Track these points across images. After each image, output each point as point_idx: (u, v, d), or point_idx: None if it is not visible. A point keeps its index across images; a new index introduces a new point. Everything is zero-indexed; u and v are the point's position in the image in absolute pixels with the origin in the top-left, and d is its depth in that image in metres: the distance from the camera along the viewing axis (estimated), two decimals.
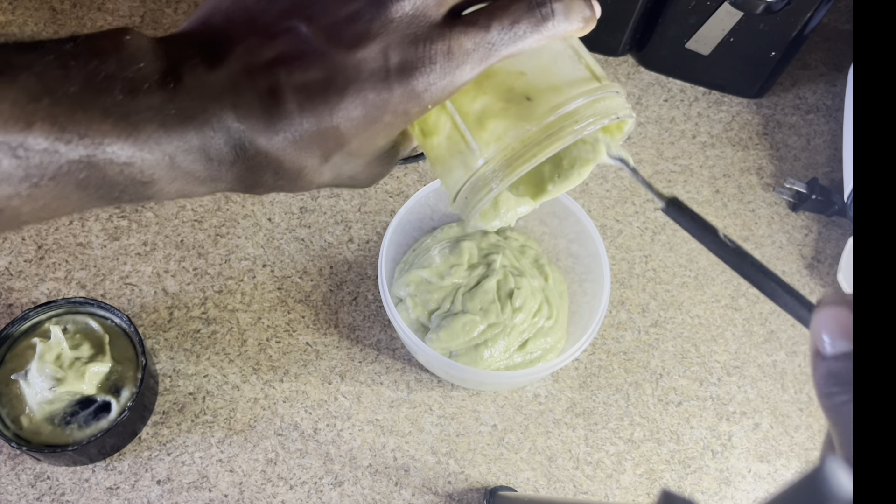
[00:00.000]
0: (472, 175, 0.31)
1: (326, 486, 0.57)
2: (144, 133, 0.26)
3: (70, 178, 0.26)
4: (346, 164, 0.30)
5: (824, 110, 0.79)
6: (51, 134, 0.25)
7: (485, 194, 0.31)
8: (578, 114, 0.29)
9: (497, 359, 0.57)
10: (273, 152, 0.28)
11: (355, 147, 0.29)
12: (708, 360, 0.65)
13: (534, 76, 0.30)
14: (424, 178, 0.70)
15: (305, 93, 0.27)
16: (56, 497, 0.55)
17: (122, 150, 0.26)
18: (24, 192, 0.25)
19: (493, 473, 0.59)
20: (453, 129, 0.31)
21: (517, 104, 0.30)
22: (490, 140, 0.30)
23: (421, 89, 0.28)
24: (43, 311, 0.56)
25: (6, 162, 0.24)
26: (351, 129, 0.28)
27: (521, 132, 0.29)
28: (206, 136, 0.27)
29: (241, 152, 0.27)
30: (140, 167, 0.26)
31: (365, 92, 0.27)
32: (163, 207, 0.66)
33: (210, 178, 0.28)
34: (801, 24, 0.69)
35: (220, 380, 0.60)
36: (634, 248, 0.69)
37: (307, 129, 0.27)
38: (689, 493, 0.60)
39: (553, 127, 0.29)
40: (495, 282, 0.59)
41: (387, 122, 0.28)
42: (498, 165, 0.30)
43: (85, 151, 0.25)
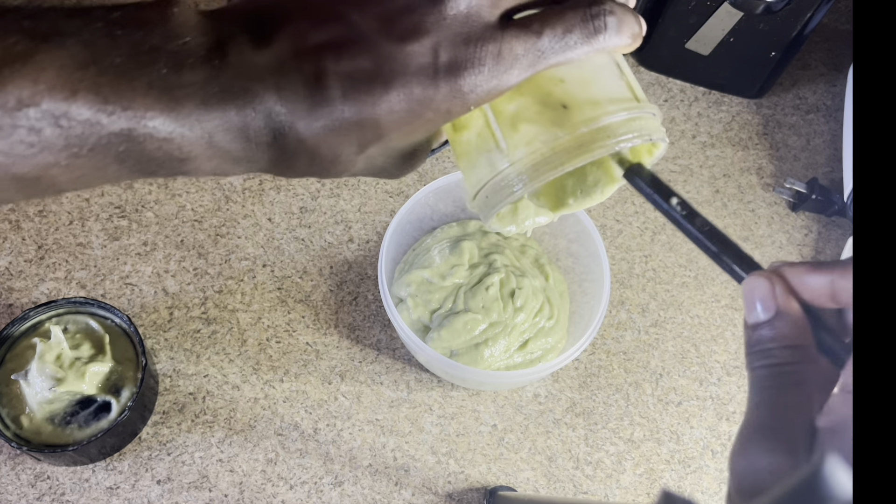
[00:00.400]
0: (497, 175, 0.30)
1: (326, 486, 0.57)
2: (186, 109, 0.26)
3: (110, 151, 0.26)
4: (380, 156, 0.30)
5: (824, 110, 0.79)
6: (94, 104, 0.25)
7: (505, 195, 0.30)
8: (612, 129, 0.29)
9: (497, 359, 0.57)
10: (311, 138, 0.27)
11: (393, 141, 0.29)
12: (708, 359, 0.65)
13: (573, 85, 0.30)
14: (424, 178, 0.71)
15: (351, 81, 0.27)
16: (56, 497, 0.55)
17: (162, 125, 0.26)
18: (64, 162, 0.25)
19: (493, 473, 0.59)
20: (485, 126, 0.30)
21: (552, 111, 0.29)
22: (520, 143, 0.30)
23: (467, 90, 0.28)
24: (43, 311, 0.56)
25: (48, 131, 0.24)
26: (391, 122, 0.28)
27: (552, 139, 0.29)
28: (247, 117, 0.27)
29: (280, 136, 0.27)
30: (179, 143, 0.26)
31: (411, 86, 0.27)
32: (163, 207, 0.66)
33: (246, 158, 0.28)
34: (801, 25, 0.69)
35: (220, 380, 0.60)
36: (634, 248, 0.70)
37: (348, 118, 0.27)
38: (688, 492, 0.60)
39: (585, 139, 0.29)
40: (497, 280, 0.59)
41: (428, 118, 0.28)
42: (524, 169, 0.30)
43: (126, 124, 0.25)
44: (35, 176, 0.26)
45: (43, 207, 0.65)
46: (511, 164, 0.30)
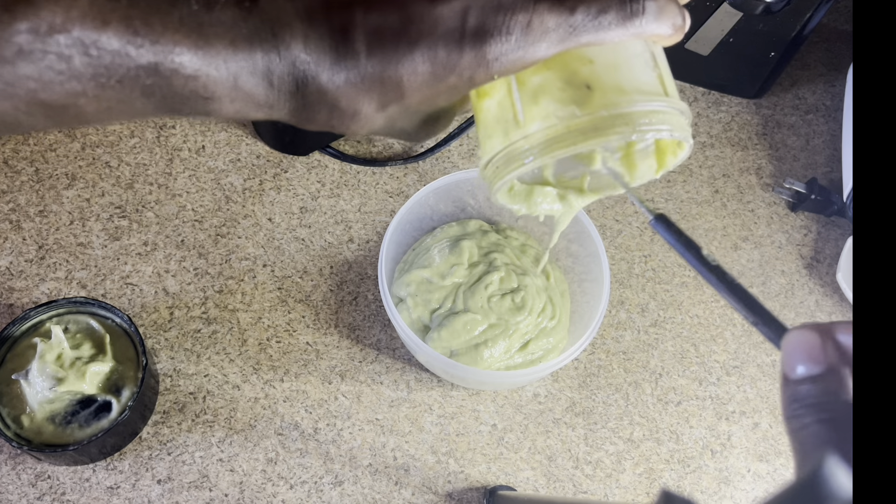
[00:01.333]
0: (509, 146, 0.30)
1: (326, 486, 0.57)
2: (214, 48, 0.26)
3: (137, 83, 0.26)
4: (400, 117, 0.30)
5: (823, 110, 0.79)
6: (124, 36, 0.25)
7: (515, 167, 0.30)
8: (632, 118, 0.28)
9: (497, 359, 0.57)
10: (333, 90, 0.27)
11: (414, 103, 0.29)
12: (707, 359, 0.65)
13: (601, 68, 0.29)
14: (424, 178, 0.71)
15: (377, 37, 0.27)
16: (57, 496, 0.55)
17: (190, 61, 0.26)
18: (91, 92, 0.26)
19: (492, 473, 0.59)
20: (507, 95, 0.30)
21: (576, 90, 0.29)
22: (537, 116, 0.29)
23: (491, 58, 0.27)
24: (44, 310, 0.56)
25: (78, 59, 0.25)
26: (414, 83, 0.28)
27: (569, 117, 0.28)
28: (272, 62, 0.27)
29: (303, 85, 0.27)
30: (204, 82, 0.26)
31: (436, 48, 0.27)
32: (163, 207, 0.66)
33: (268, 104, 0.28)
34: (801, 25, 0.69)
35: (220, 379, 0.60)
36: (634, 248, 0.70)
37: (370, 73, 0.27)
38: (688, 492, 0.60)
39: (602, 122, 0.28)
40: (498, 279, 0.60)
41: (451, 83, 0.28)
42: (536, 143, 0.29)
43: (154, 58, 0.25)
44: (62, 104, 0.26)
45: (44, 208, 0.65)
46: (524, 137, 0.29)
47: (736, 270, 0.70)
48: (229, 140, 0.70)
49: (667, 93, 0.30)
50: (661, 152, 0.33)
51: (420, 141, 0.33)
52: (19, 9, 0.24)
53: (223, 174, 0.69)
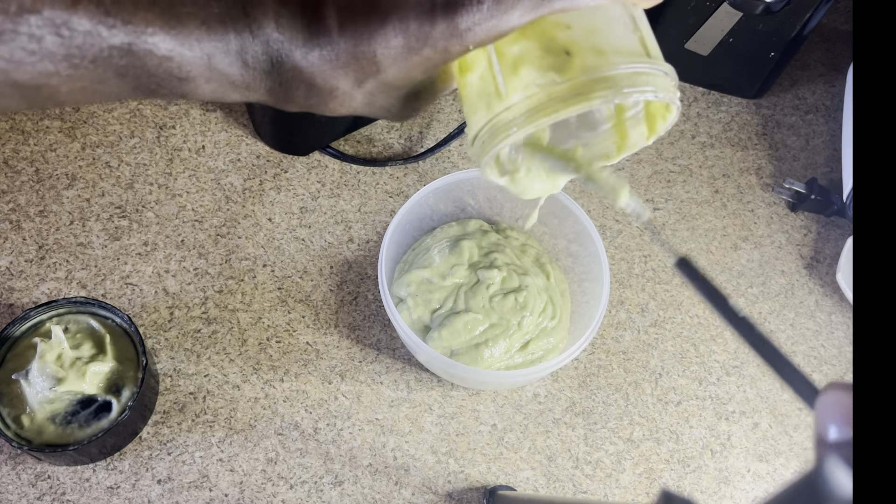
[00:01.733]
0: (493, 118, 0.30)
1: (326, 486, 0.57)
2: (187, 28, 0.26)
3: (110, 64, 0.26)
4: (380, 94, 0.30)
5: (823, 110, 0.80)
6: (95, 16, 0.25)
7: (500, 140, 0.30)
8: (614, 81, 0.28)
9: (497, 359, 0.57)
10: (307, 68, 0.27)
11: (391, 77, 0.28)
12: (707, 359, 0.65)
13: (579, 33, 0.28)
14: (424, 178, 0.71)
15: (348, 13, 0.27)
16: (57, 496, 0.55)
17: (163, 42, 0.26)
18: (64, 72, 0.26)
19: (492, 473, 0.59)
20: (487, 68, 0.30)
21: (554, 56, 0.28)
22: (518, 87, 0.29)
23: (464, 28, 0.27)
24: (44, 310, 0.56)
25: (49, 39, 0.25)
26: (388, 57, 0.28)
27: (549, 84, 0.28)
28: (245, 42, 0.27)
29: (278, 64, 0.27)
30: (178, 62, 0.26)
31: (407, 21, 0.27)
32: (163, 207, 0.66)
33: (244, 84, 0.28)
34: (801, 25, 0.69)
35: (220, 379, 0.60)
36: (634, 248, 0.70)
37: (344, 50, 0.27)
38: (688, 492, 0.60)
39: (582, 87, 0.28)
40: (499, 279, 0.60)
41: (425, 56, 0.28)
42: (518, 114, 0.29)
43: (126, 38, 0.25)
44: (36, 84, 0.26)
45: (44, 208, 0.65)
46: (507, 109, 0.29)
47: (736, 270, 0.70)
48: (229, 140, 0.70)
49: (649, 55, 0.29)
50: (650, 118, 0.33)
51: (405, 119, 0.33)
52: None
53: (223, 174, 0.69)
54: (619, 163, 0.74)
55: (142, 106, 0.71)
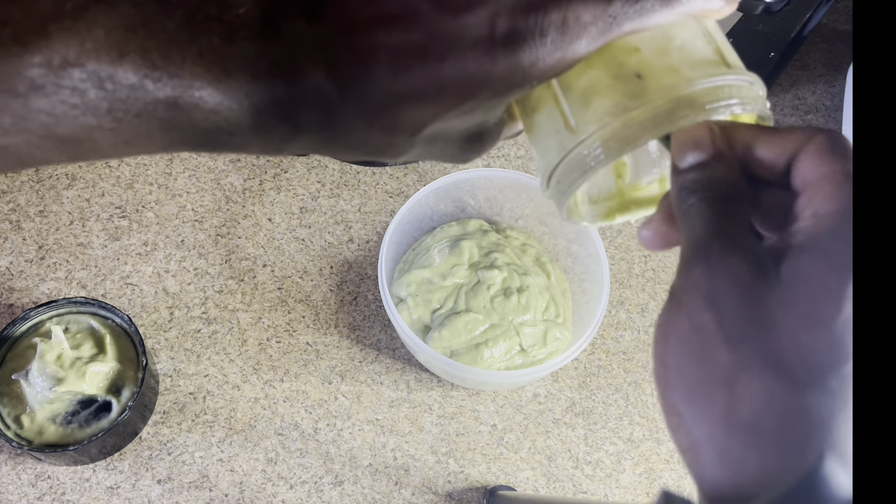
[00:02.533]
0: (566, 155, 0.27)
1: (326, 486, 0.57)
2: (236, 81, 0.25)
3: (154, 118, 0.25)
4: (439, 139, 0.28)
5: (823, 111, 0.80)
6: (141, 69, 0.24)
7: (575, 178, 0.27)
8: (694, 98, 0.26)
9: (498, 359, 0.57)
10: (361, 117, 0.26)
11: (450, 121, 0.27)
12: None
13: (650, 54, 0.26)
14: (424, 178, 0.71)
15: (402, 57, 0.25)
16: (57, 496, 0.55)
17: (210, 95, 0.25)
18: (107, 126, 0.25)
19: (492, 473, 0.59)
20: (554, 105, 0.28)
21: (625, 82, 0.26)
22: (591, 120, 0.27)
23: (527, 64, 0.25)
24: (44, 310, 0.56)
25: (93, 93, 0.24)
26: (446, 101, 0.26)
27: (623, 111, 0.26)
28: (295, 93, 0.25)
29: (329, 114, 0.26)
30: (226, 116, 0.25)
31: (465, 61, 0.25)
32: (163, 208, 0.66)
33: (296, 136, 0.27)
34: (800, 25, 0.69)
35: (220, 379, 0.60)
36: (634, 248, 0.70)
37: (399, 95, 0.26)
38: (688, 492, 0.60)
39: (661, 109, 0.26)
40: (500, 280, 0.60)
41: (485, 97, 0.26)
42: (593, 146, 0.27)
43: (172, 92, 0.24)
44: (77, 138, 0.25)
45: (44, 208, 0.65)
46: (580, 143, 0.27)
47: None
48: None
49: (728, 65, 0.27)
50: None
51: (467, 161, 0.31)
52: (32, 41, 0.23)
53: (223, 174, 0.69)
54: None
55: None
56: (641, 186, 0.34)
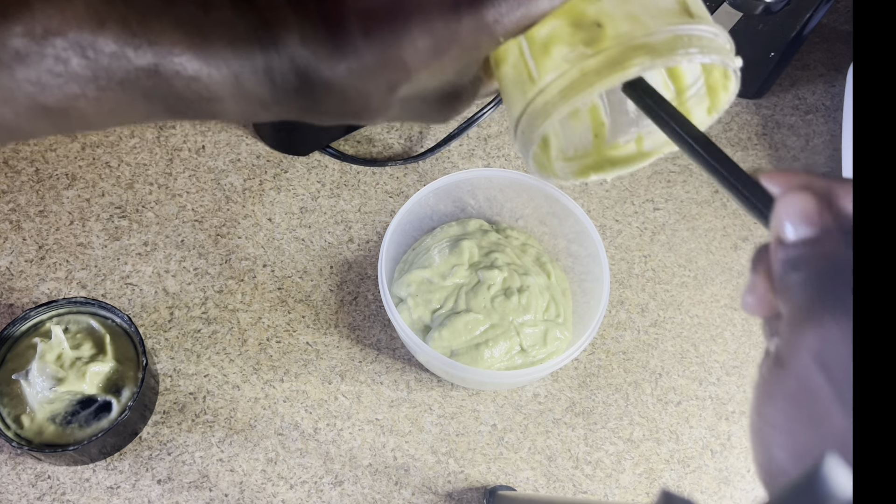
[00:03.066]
0: (528, 105, 0.28)
1: (326, 486, 0.57)
2: (213, 48, 0.26)
3: (137, 86, 0.26)
4: (416, 99, 0.29)
5: (823, 111, 0.80)
6: (121, 38, 0.25)
7: (539, 126, 0.28)
8: (651, 46, 0.25)
9: (498, 359, 0.57)
10: (337, 80, 0.27)
11: (423, 80, 0.28)
12: (707, 359, 0.65)
13: (611, 3, 0.27)
14: (424, 178, 0.71)
15: (371, 20, 0.26)
16: (57, 496, 0.55)
17: (189, 62, 0.26)
18: (91, 95, 0.26)
19: (492, 473, 0.59)
20: (519, 56, 0.28)
21: (585, 31, 0.26)
22: (550, 67, 0.27)
23: (491, 20, 0.26)
24: (44, 310, 0.56)
25: (75, 61, 0.25)
26: (417, 60, 0.27)
27: (580, 59, 0.26)
28: (271, 59, 0.26)
29: (305, 79, 0.27)
30: (206, 83, 0.26)
31: (432, 21, 0.26)
32: (163, 207, 0.66)
33: (275, 102, 0.28)
34: (801, 25, 0.69)
35: (220, 379, 0.60)
36: (634, 248, 0.70)
37: (371, 57, 0.26)
38: (688, 492, 0.60)
39: (618, 56, 0.26)
40: (500, 280, 0.60)
41: (455, 54, 0.27)
42: (552, 95, 0.27)
43: (153, 59, 0.25)
44: (63, 107, 0.26)
45: (44, 208, 0.65)
46: (540, 92, 0.27)
47: (736, 270, 0.70)
48: (229, 140, 0.70)
49: (691, 15, 0.27)
50: (713, 92, 0.31)
51: (445, 120, 0.31)
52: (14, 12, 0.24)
53: (223, 174, 0.69)
54: None
55: None
56: (619, 145, 0.34)
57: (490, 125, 0.74)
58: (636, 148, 0.34)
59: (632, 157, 0.34)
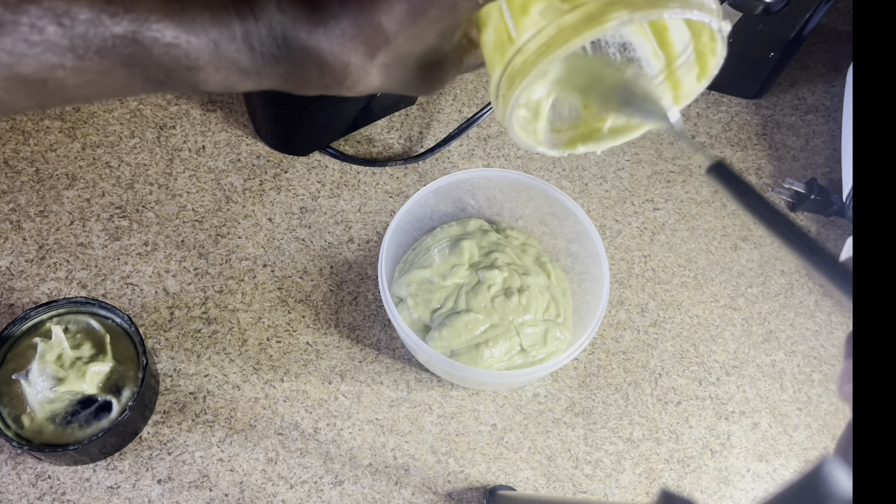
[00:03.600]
0: (507, 65, 0.27)
1: (326, 486, 0.57)
2: (190, 15, 0.26)
3: (115, 54, 0.25)
4: (396, 66, 0.29)
5: (823, 111, 0.80)
6: (96, 4, 0.25)
7: (517, 86, 0.27)
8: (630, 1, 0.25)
9: (498, 359, 0.57)
10: (315, 47, 0.27)
11: (402, 45, 0.27)
12: (707, 359, 0.65)
13: None
14: (424, 178, 0.71)
15: None
16: (57, 496, 0.55)
17: (167, 29, 0.25)
18: (69, 64, 0.25)
19: (492, 473, 0.59)
20: (500, 17, 0.28)
21: None
22: (528, 25, 0.26)
23: None
24: (44, 310, 0.56)
25: (51, 29, 0.24)
26: (394, 24, 0.26)
27: (557, 15, 0.26)
28: (249, 26, 0.26)
29: (285, 46, 0.27)
30: (185, 50, 0.26)
31: None
32: (164, 208, 0.66)
33: (255, 71, 0.27)
34: (800, 25, 0.69)
35: (220, 379, 0.60)
36: (633, 248, 0.70)
37: (348, 23, 0.26)
38: (688, 492, 0.60)
39: (595, 11, 0.25)
40: (500, 280, 0.60)
41: (433, 16, 0.27)
42: (530, 53, 0.26)
43: (130, 27, 0.25)
44: (41, 78, 0.26)
45: (44, 208, 0.65)
46: (518, 51, 0.27)
47: (736, 270, 0.70)
48: (229, 140, 0.70)
49: None
50: (701, 58, 0.30)
51: (432, 92, 0.31)
52: None
53: (223, 174, 0.69)
54: (619, 163, 0.74)
55: (142, 106, 0.71)
56: (608, 117, 0.34)
57: (490, 125, 0.74)
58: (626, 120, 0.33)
59: (621, 130, 0.34)
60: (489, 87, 0.29)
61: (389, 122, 0.74)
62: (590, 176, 0.73)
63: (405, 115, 0.74)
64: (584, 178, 0.73)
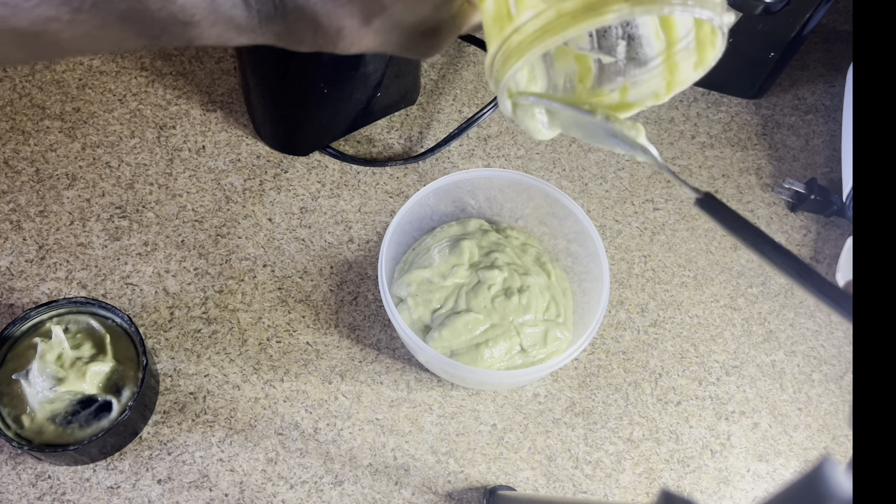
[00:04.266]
0: (504, 42, 0.27)
1: (326, 486, 0.57)
2: None
3: (111, 8, 0.25)
4: (392, 31, 0.29)
5: (823, 111, 0.80)
6: None
7: (511, 65, 0.27)
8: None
9: (498, 359, 0.57)
10: (310, 9, 0.27)
11: (398, 12, 0.27)
12: (707, 359, 0.65)
13: None
14: (424, 178, 0.71)
15: None
16: (57, 496, 0.55)
17: None
18: (65, 17, 0.25)
19: (492, 473, 0.59)
20: None
21: None
22: (529, 5, 0.26)
23: None
24: (44, 310, 0.56)
25: None
26: None
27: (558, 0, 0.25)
28: None
29: (281, 5, 0.27)
30: (182, 5, 0.26)
31: None
32: (164, 208, 0.66)
33: (250, 28, 0.27)
34: (800, 25, 0.69)
35: (220, 379, 0.60)
36: (633, 249, 0.70)
37: None
38: (688, 492, 0.60)
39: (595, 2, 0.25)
40: (500, 280, 0.60)
41: None
42: (527, 35, 0.26)
43: None
44: (36, 31, 0.25)
45: (44, 208, 0.65)
46: (516, 30, 0.27)
47: (736, 270, 0.70)
48: (229, 140, 0.70)
49: None
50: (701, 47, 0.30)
51: (427, 56, 0.31)
52: None
53: (223, 174, 0.69)
54: (619, 163, 0.74)
55: (142, 106, 0.71)
56: (603, 93, 0.33)
57: (490, 125, 0.74)
58: (619, 98, 0.33)
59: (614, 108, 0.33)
60: (487, 59, 0.29)
61: (389, 122, 0.74)
62: (590, 176, 0.73)
63: (405, 115, 0.74)
64: (584, 178, 0.73)
